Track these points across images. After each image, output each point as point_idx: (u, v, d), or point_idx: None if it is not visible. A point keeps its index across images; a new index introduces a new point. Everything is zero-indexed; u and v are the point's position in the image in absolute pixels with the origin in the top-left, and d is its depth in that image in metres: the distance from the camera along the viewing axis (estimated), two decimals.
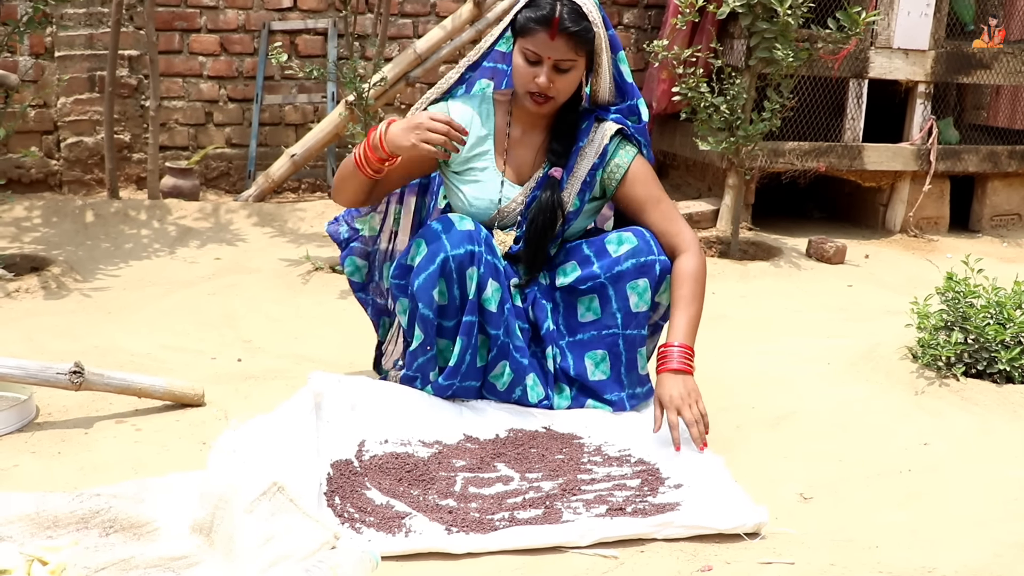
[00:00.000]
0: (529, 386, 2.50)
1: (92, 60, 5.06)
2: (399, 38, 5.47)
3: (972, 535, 2.03)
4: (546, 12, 2.35)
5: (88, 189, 5.15)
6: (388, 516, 1.95)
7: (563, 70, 2.39)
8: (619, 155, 2.53)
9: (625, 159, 2.53)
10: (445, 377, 2.47)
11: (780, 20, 4.21)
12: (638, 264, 2.46)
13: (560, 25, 2.34)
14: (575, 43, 2.37)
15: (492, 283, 2.43)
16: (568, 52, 2.37)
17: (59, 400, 2.55)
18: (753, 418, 2.66)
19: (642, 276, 2.46)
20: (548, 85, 2.39)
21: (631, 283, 2.45)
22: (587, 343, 2.53)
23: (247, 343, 3.20)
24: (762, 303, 4.01)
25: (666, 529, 1.95)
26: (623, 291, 2.46)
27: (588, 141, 2.52)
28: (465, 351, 2.44)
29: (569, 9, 2.36)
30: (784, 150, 5.18)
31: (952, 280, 2.92)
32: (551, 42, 2.35)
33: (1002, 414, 2.68)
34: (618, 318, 2.48)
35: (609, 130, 2.52)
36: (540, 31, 2.35)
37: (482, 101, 2.56)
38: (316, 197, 5.41)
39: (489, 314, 2.43)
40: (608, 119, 2.53)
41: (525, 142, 2.55)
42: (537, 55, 2.37)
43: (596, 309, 2.51)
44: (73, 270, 3.90)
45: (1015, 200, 5.79)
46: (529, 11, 2.38)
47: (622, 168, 2.53)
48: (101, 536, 1.79)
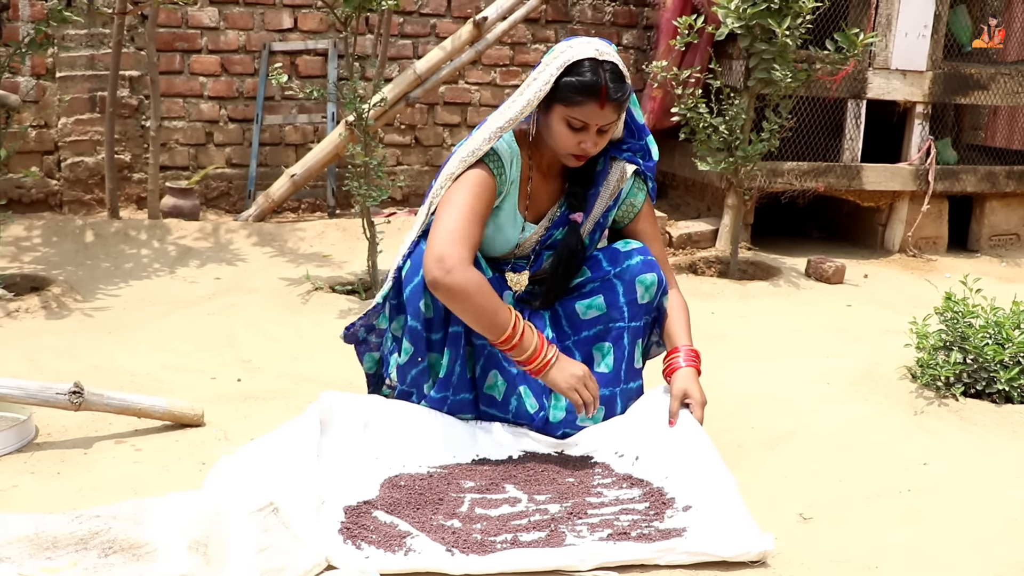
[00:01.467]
0: (523, 397, 2.51)
1: (93, 80, 5.08)
2: (399, 59, 5.50)
3: (972, 555, 2.02)
4: (592, 80, 2.32)
5: (88, 209, 5.17)
6: (391, 534, 1.95)
7: (605, 131, 2.40)
8: (633, 195, 2.61)
9: (639, 199, 2.62)
10: (437, 390, 2.48)
11: (779, 41, 4.23)
12: (646, 261, 2.51)
13: (609, 95, 2.33)
14: (619, 106, 2.38)
15: None
16: (612, 115, 2.38)
17: (59, 420, 2.55)
18: (752, 438, 2.66)
19: (650, 271, 2.50)
20: (596, 149, 2.41)
21: (640, 276, 2.49)
22: (593, 337, 2.54)
23: (247, 363, 3.20)
24: (761, 323, 4.01)
25: (669, 555, 1.94)
26: (631, 284, 2.49)
27: (605, 184, 2.57)
28: (454, 362, 2.46)
29: (612, 75, 2.34)
30: (783, 170, 5.19)
31: (951, 300, 2.92)
32: (600, 111, 2.34)
33: (1001, 434, 2.68)
34: (625, 311, 2.50)
35: (627, 172, 2.57)
36: (589, 101, 2.33)
37: (511, 152, 2.48)
38: (316, 217, 5.43)
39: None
40: (622, 158, 2.58)
41: (545, 183, 2.57)
42: (584, 123, 2.36)
43: (600, 305, 2.52)
44: (73, 290, 3.90)
45: (1013, 220, 5.80)
46: (573, 79, 2.34)
47: (636, 208, 2.62)
48: (100, 557, 1.78)
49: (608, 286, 2.51)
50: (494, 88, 5.75)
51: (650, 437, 2.40)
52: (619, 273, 2.51)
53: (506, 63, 5.74)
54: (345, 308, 3.83)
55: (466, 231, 2.31)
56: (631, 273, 2.49)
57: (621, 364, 2.52)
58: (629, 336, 2.52)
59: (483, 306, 2.27)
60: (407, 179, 5.66)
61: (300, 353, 3.33)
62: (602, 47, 2.39)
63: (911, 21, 5.21)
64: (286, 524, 1.90)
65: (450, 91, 5.66)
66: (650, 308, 2.53)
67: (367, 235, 4.00)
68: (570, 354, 2.53)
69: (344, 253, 4.67)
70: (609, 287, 2.51)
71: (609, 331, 2.52)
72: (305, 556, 1.82)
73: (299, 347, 3.40)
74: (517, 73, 5.76)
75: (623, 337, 2.51)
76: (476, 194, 2.36)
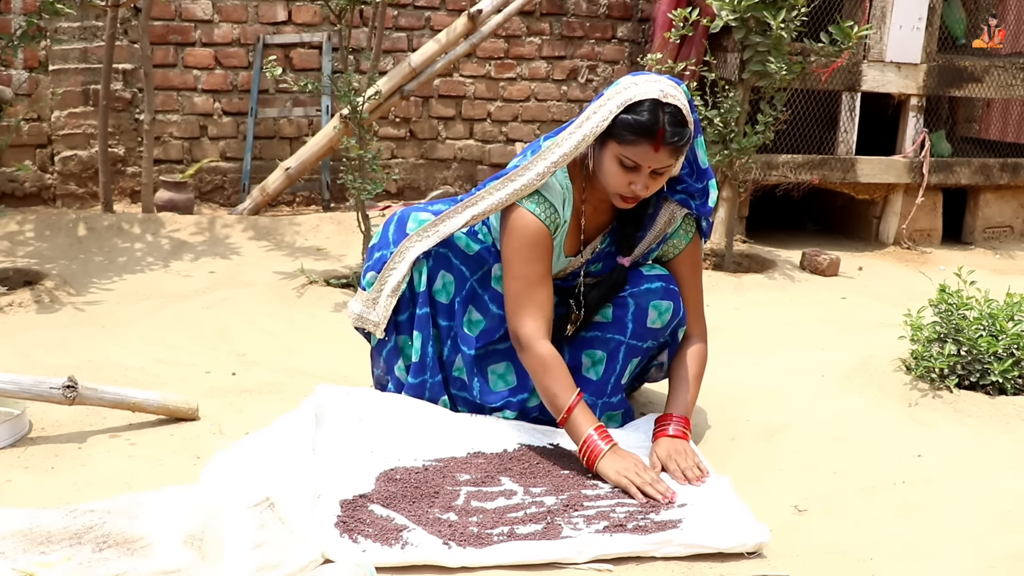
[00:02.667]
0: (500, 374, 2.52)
1: (86, 74, 5.07)
2: (394, 51, 5.49)
3: (966, 547, 2.03)
4: (649, 121, 2.22)
5: (82, 203, 5.15)
6: (387, 528, 1.95)
7: (660, 173, 2.30)
8: (678, 236, 2.52)
9: (683, 242, 2.53)
10: (414, 375, 2.50)
11: (773, 34, 4.23)
12: (666, 288, 2.47)
13: (665, 139, 2.23)
14: (677, 151, 2.27)
15: (444, 275, 2.49)
16: (669, 160, 2.27)
17: (52, 415, 2.54)
18: (747, 430, 2.66)
19: (668, 299, 2.47)
20: (646, 192, 2.31)
21: (655, 301, 2.46)
22: (588, 341, 2.53)
23: (241, 357, 3.19)
24: (756, 315, 4.02)
25: (665, 547, 1.95)
26: (644, 306, 2.46)
27: (652, 227, 2.50)
28: (425, 344, 2.48)
29: (671, 118, 2.23)
30: (778, 163, 5.19)
31: (945, 292, 2.93)
32: (655, 154, 2.24)
33: (995, 426, 2.69)
34: (628, 328, 2.47)
35: (678, 216, 2.49)
36: (644, 143, 2.23)
37: (563, 191, 2.42)
38: (311, 210, 5.42)
39: (440, 306, 2.49)
40: (674, 200, 2.47)
41: (596, 215, 2.49)
42: (636, 164, 2.26)
43: (607, 315, 2.50)
44: (67, 284, 3.89)
45: (1007, 212, 5.81)
46: (631, 117, 2.24)
47: (677, 249, 2.54)
48: (95, 551, 1.78)
49: (620, 302, 2.49)
50: (489, 81, 5.74)
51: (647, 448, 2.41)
52: (635, 293, 2.47)
53: (501, 56, 5.72)
54: (340, 301, 3.83)
55: (532, 300, 2.35)
56: (648, 297, 2.46)
57: (610, 377, 2.51)
58: (625, 352, 2.50)
59: (546, 387, 2.33)
60: (402, 172, 5.65)
61: (295, 347, 3.33)
62: (668, 89, 2.27)
63: (905, 14, 5.21)
64: (282, 520, 1.90)
65: (445, 84, 5.66)
66: (659, 334, 2.49)
67: (362, 228, 3.99)
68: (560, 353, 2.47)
69: (339, 246, 4.66)
70: (621, 303, 2.49)
71: (606, 341, 2.50)
72: (301, 551, 1.82)
73: (294, 341, 3.39)
74: (512, 66, 5.75)
75: (619, 351, 2.50)
76: (534, 255, 2.35)
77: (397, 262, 2.51)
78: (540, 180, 2.34)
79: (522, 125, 5.84)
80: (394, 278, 2.51)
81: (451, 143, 5.77)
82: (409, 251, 2.50)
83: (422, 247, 2.49)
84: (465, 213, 2.44)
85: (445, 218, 2.47)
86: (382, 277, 2.53)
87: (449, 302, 2.51)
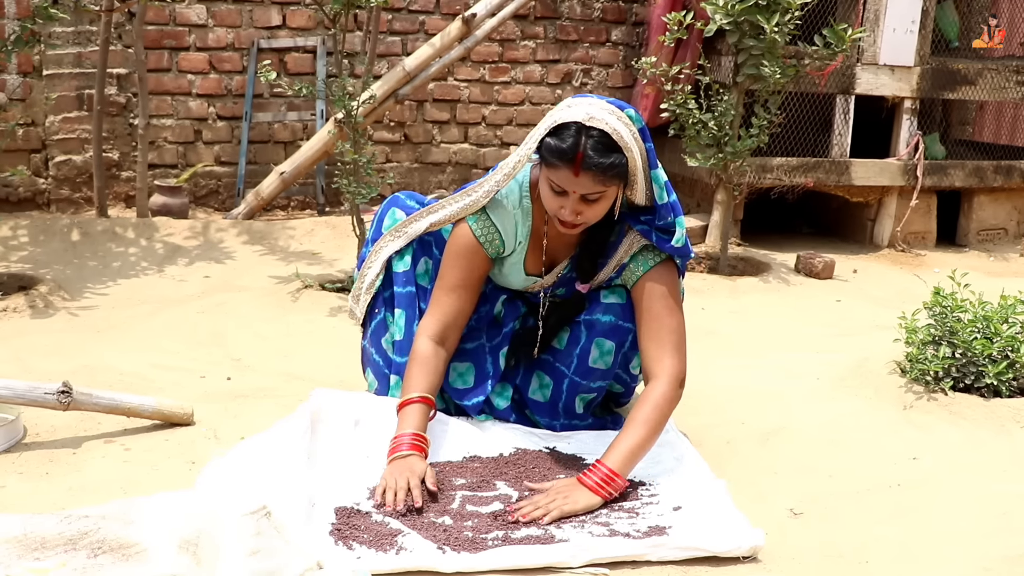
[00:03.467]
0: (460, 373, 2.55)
1: (81, 78, 5.06)
2: (388, 56, 5.49)
3: (961, 549, 2.03)
4: (568, 147, 2.12)
5: (76, 207, 5.15)
6: (382, 533, 1.95)
7: (592, 200, 2.19)
8: (634, 264, 2.38)
9: (640, 270, 2.37)
10: (399, 353, 2.53)
11: (767, 37, 4.24)
12: (615, 325, 2.44)
13: (584, 163, 2.12)
14: (603, 177, 2.14)
15: (425, 260, 2.56)
16: (595, 186, 2.15)
17: (47, 420, 2.53)
18: (743, 433, 2.66)
19: (612, 339, 2.45)
20: (574, 217, 2.21)
21: (598, 339, 2.46)
22: (541, 363, 2.56)
23: (236, 361, 3.19)
24: (751, 318, 4.02)
25: (660, 550, 1.95)
26: (590, 342, 2.47)
27: (614, 255, 2.41)
28: (410, 322, 2.52)
29: (595, 142, 2.13)
30: (772, 166, 5.20)
31: (939, 295, 2.93)
32: (575, 178, 2.14)
33: (990, 428, 2.69)
34: (574, 362, 2.49)
35: (635, 246, 2.37)
36: (563, 167, 2.14)
37: (519, 207, 2.41)
38: (306, 215, 5.42)
39: (422, 290, 2.55)
40: (637, 230, 2.34)
41: (561, 241, 2.45)
42: (562, 188, 2.18)
43: (563, 340, 2.53)
44: (61, 289, 3.89)
45: (1001, 215, 5.83)
46: (553, 140, 2.15)
47: (635, 275, 2.37)
48: (89, 558, 1.78)
49: (574, 327, 2.50)
50: (483, 85, 5.75)
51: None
52: (587, 322, 2.48)
53: (495, 60, 5.73)
54: (335, 306, 3.82)
55: (438, 301, 2.42)
56: (594, 331, 2.46)
57: (557, 402, 2.53)
58: (569, 387, 2.51)
59: (406, 376, 2.36)
60: (396, 176, 5.65)
61: (290, 351, 3.32)
62: (598, 113, 2.16)
63: (899, 17, 5.22)
64: (277, 528, 1.89)
65: (439, 88, 5.66)
66: (605, 375, 2.49)
67: (356, 232, 3.99)
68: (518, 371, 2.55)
69: (334, 251, 4.66)
70: (575, 329, 2.50)
71: (553, 369, 2.53)
72: (297, 560, 1.81)
73: (289, 345, 3.39)
74: (506, 69, 5.76)
75: (563, 383, 2.51)
76: (456, 265, 2.42)
77: (372, 260, 2.59)
78: (485, 199, 2.39)
79: (517, 129, 5.84)
80: (369, 276, 2.59)
81: (446, 147, 5.78)
82: (382, 251, 2.58)
83: (394, 247, 2.56)
84: (427, 219, 2.53)
85: (412, 220, 2.55)
86: (360, 274, 2.62)
87: (428, 287, 2.57)
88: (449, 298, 2.41)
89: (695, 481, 2.24)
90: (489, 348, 2.55)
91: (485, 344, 2.56)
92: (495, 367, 2.53)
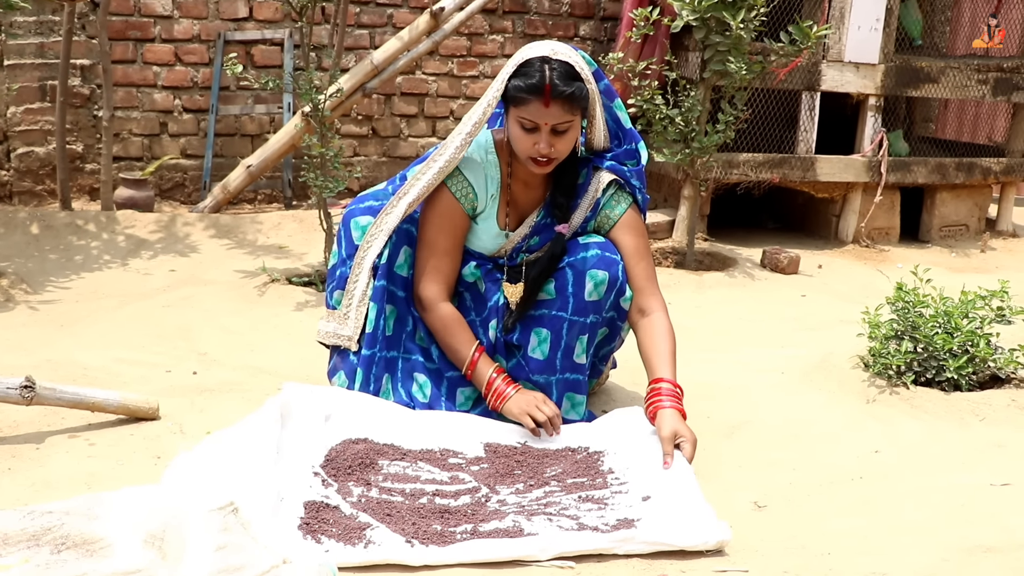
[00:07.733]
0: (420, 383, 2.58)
1: (43, 69, 5.00)
2: (356, 49, 5.47)
3: (921, 540, 2.07)
4: (536, 80, 2.34)
5: (40, 200, 5.08)
6: (351, 527, 1.95)
7: (561, 132, 2.40)
8: (610, 206, 2.58)
9: (616, 211, 2.58)
10: (367, 346, 2.55)
11: (733, 33, 4.27)
12: (602, 256, 2.50)
13: (553, 92, 2.34)
14: (570, 105, 2.37)
15: (406, 249, 2.58)
16: (564, 115, 2.37)
17: (9, 415, 2.51)
18: (708, 427, 2.68)
19: (603, 268, 2.49)
20: (549, 150, 2.40)
21: (591, 270, 2.48)
22: (536, 319, 2.55)
23: (202, 356, 3.17)
24: (717, 313, 4.05)
25: (627, 545, 1.96)
26: (581, 276, 2.49)
27: (585, 195, 2.57)
28: (379, 316, 2.54)
29: (560, 73, 2.36)
30: (739, 161, 5.24)
31: (902, 290, 2.97)
32: (546, 109, 2.35)
33: (950, 421, 2.74)
34: (570, 303, 2.50)
35: (603, 182, 2.57)
36: (533, 100, 2.35)
37: (486, 165, 2.55)
38: (273, 208, 5.38)
39: (400, 279, 2.57)
40: (604, 167, 2.57)
41: (527, 191, 2.59)
42: (534, 123, 2.37)
43: (550, 290, 2.53)
44: (23, 282, 3.84)
45: (962, 211, 5.91)
46: (519, 80, 2.37)
47: (612, 220, 2.58)
48: (53, 553, 1.76)
49: (559, 273, 2.52)
50: (451, 79, 5.74)
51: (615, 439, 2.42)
52: (572, 263, 2.50)
53: (463, 54, 5.72)
54: (302, 300, 3.81)
55: (436, 267, 2.53)
56: (584, 265, 2.49)
57: (556, 353, 2.53)
58: (569, 328, 2.51)
59: (447, 344, 2.53)
60: (364, 170, 5.63)
61: (257, 345, 3.31)
62: (559, 48, 2.40)
63: (863, 15, 5.27)
64: (244, 525, 1.89)
65: (407, 82, 5.64)
66: (600, 307, 2.51)
67: (324, 226, 3.98)
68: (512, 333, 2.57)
69: (301, 244, 4.64)
70: (560, 274, 2.52)
71: (549, 319, 2.52)
72: (264, 556, 1.80)
73: (256, 339, 3.37)
74: (474, 64, 5.75)
75: (562, 328, 2.51)
76: (443, 227, 2.52)
77: (357, 274, 2.59)
78: (459, 153, 2.48)
79: None
80: (359, 288, 2.58)
81: (413, 141, 5.76)
82: (365, 260, 2.58)
83: (374, 251, 2.57)
84: (401, 204, 2.54)
85: (384, 215, 2.56)
86: (348, 291, 2.60)
87: (408, 276, 2.59)
88: (444, 261, 2.54)
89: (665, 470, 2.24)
90: (479, 321, 2.59)
91: (475, 320, 2.60)
92: (487, 340, 2.57)
